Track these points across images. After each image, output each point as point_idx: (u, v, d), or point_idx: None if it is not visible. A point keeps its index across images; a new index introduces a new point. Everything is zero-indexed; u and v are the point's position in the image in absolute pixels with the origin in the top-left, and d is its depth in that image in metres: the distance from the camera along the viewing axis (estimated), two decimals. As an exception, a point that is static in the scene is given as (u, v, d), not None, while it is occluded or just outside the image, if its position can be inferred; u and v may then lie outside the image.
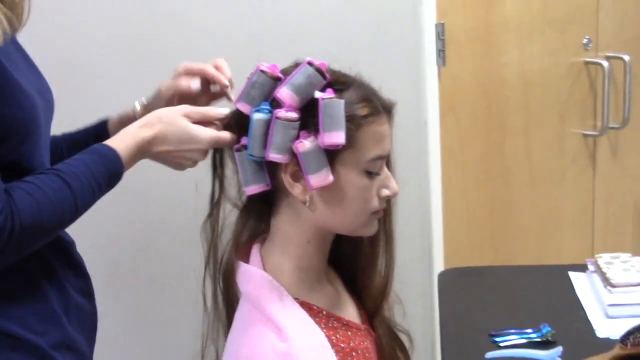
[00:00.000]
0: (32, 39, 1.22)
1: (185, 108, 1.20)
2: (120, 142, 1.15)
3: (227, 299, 1.23)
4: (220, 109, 1.20)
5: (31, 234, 1.04)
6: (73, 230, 1.22)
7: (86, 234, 1.28)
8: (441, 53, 2.14)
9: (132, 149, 1.15)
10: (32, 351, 1.11)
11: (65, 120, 1.33)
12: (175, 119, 1.18)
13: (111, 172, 1.13)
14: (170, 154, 1.20)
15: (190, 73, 1.28)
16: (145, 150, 1.17)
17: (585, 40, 2.44)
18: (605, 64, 2.44)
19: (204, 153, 1.21)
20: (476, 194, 2.33)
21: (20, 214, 1.01)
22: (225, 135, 1.18)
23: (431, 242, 2.19)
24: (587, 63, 2.47)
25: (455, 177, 2.25)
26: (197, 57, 1.84)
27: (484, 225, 2.37)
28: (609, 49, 2.48)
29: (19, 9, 1.11)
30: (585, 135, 2.51)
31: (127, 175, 1.18)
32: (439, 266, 2.18)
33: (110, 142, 1.15)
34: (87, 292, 1.26)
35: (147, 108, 1.29)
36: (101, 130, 1.32)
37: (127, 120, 1.29)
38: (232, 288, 1.22)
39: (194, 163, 1.22)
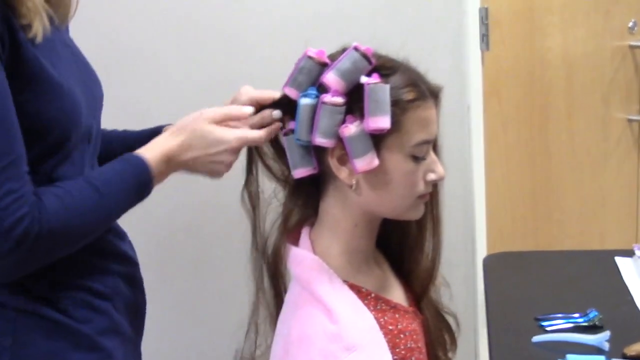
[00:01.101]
0: (80, 33, 1.25)
1: (208, 113, 1.20)
2: (149, 151, 1.17)
3: (274, 277, 1.25)
4: (244, 108, 1.21)
5: (58, 239, 1.05)
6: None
7: (133, 218, 1.31)
8: (485, 37, 2.14)
9: (160, 158, 1.17)
10: (79, 338, 1.13)
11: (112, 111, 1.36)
12: (199, 125, 1.19)
13: (140, 181, 1.14)
14: (199, 160, 1.20)
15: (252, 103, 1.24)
16: (173, 159, 1.19)
17: (630, 24, 2.41)
18: (651, 48, 2.41)
19: (235, 153, 1.21)
20: (519, 178, 2.33)
21: (49, 218, 1.02)
22: (253, 134, 1.19)
23: (474, 227, 2.19)
24: (632, 47, 2.43)
25: (498, 161, 2.25)
26: (244, 43, 1.88)
27: (526, 209, 2.37)
28: (655, 32, 2.45)
29: (65, 4, 1.13)
30: (630, 120, 2.48)
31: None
32: (481, 250, 2.18)
33: (141, 151, 1.17)
34: (133, 279, 1.27)
35: None
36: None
37: None
38: (280, 268, 1.24)
39: (227, 166, 1.23)
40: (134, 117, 1.41)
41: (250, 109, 1.20)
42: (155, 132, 1.32)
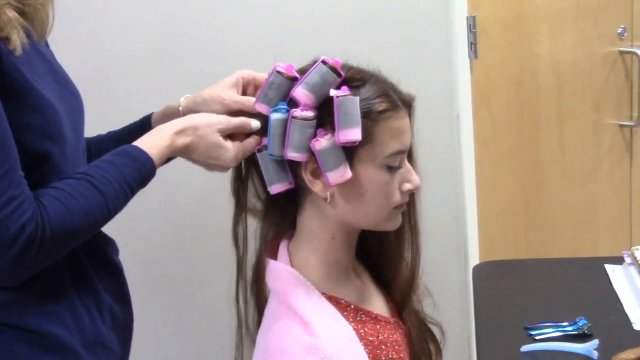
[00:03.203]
0: (62, 46, 1.25)
1: (221, 123, 1.20)
2: (154, 146, 1.15)
3: (256, 296, 1.24)
4: (253, 122, 1.21)
5: (62, 241, 1.05)
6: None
7: (119, 236, 1.30)
8: (473, 46, 2.13)
9: (165, 154, 1.16)
10: (65, 351, 1.12)
11: (99, 125, 1.36)
12: (210, 135, 1.19)
13: (143, 175, 1.13)
14: (196, 162, 1.22)
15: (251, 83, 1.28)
16: (176, 154, 1.20)
17: (619, 30, 2.42)
18: (641, 53, 2.41)
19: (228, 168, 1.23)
20: (510, 186, 2.32)
21: (51, 221, 1.02)
22: (248, 145, 1.20)
23: (466, 236, 2.18)
24: (622, 52, 2.44)
25: (489, 170, 2.24)
26: (222, 58, 1.88)
27: (518, 218, 2.36)
28: (645, 37, 2.45)
29: (40, 19, 1.12)
30: (622, 126, 2.48)
31: (160, 175, 1.19)
32: (474, 260, 2.17)
33: (143, 144, 1.15)
34: (122, 296, 1.27)
35: (191, 107, 1.29)
36: (145, 129, 1.31)
37: (170, 116, 1.30)
38: (261, 286, 1.23)
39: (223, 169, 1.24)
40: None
41: (257, 124, 1.20)
42: (145, 122, 1.34)
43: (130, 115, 1.38)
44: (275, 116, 1.11)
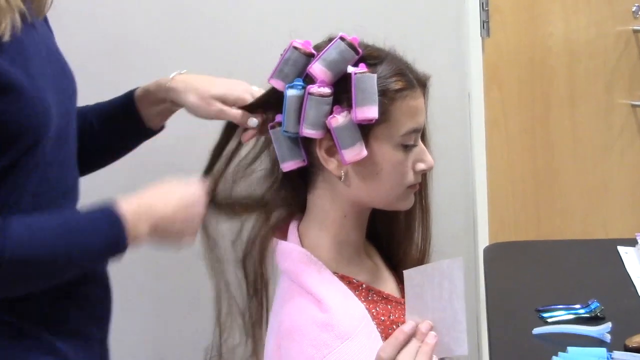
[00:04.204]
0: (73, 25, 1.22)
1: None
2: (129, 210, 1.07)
3: (257, 275, 1.22)
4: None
5: (18, 268, 0.98)
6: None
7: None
8: (485, 24, 2.11)
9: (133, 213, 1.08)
10: (35, 340, 1.08)
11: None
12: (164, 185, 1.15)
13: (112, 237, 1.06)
14: (176, 216, 1.14)
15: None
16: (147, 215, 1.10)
17: (634, 8, 2.38)
18: (655, 32, 2.38)
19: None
20: (521, 167, 2.31)
21: (12, 245, 0.96)
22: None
23: (476, 216, 2.18)
24: (635, 31, 2.40)
25: (499, 149, 2.23)
26: (236, 34, 1.86)
27: (528, 199, 2.35)
28: (660, 16, 2.42)
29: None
30: (634, 106, 2.45)
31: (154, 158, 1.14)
32: (483, 241, 2.17)
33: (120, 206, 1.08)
34: (96, 276, 1.20)
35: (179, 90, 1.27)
36: (128, 103, 1.30)
37: (154, 94, 1.28)
38: (263, 266, 1.21)
39: (196, 227, 1.18)
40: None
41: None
42: (128, 97, 1.31)
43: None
44: (291, 92, 1.10)
